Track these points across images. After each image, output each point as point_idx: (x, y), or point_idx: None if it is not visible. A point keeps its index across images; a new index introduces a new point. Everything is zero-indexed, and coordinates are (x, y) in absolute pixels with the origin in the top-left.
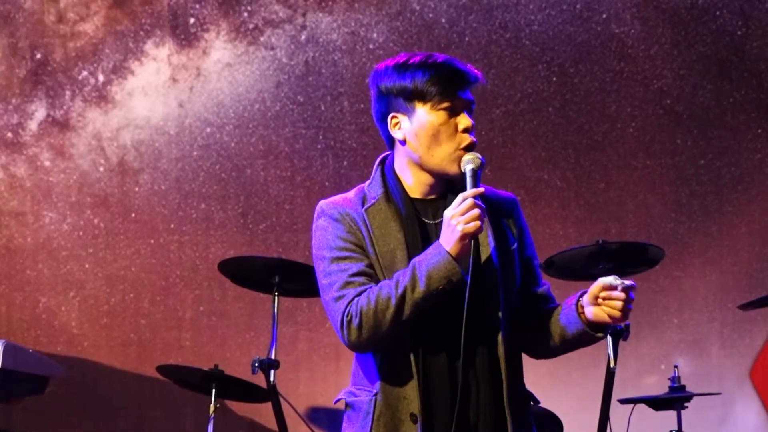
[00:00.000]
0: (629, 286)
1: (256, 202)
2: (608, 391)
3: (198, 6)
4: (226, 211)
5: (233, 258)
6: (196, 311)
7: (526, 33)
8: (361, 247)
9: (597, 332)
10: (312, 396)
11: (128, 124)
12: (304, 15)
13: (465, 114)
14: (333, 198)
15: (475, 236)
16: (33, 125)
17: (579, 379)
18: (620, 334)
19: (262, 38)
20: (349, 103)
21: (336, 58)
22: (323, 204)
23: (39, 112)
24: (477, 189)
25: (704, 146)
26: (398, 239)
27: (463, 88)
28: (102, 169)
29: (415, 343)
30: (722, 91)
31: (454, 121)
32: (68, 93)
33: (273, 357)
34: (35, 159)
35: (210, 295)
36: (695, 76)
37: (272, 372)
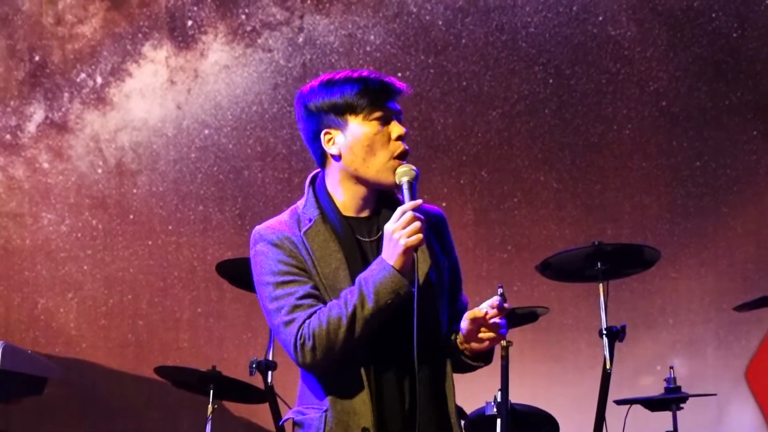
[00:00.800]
0: (500, 305)
1: (253, 204)
2: (604, 392)
3: (195, 8)
4: (223, 212)
5: (231, 259)
6: (194, 312)
7: (523, 35)
8: (304, 270)
9: (478, 362)
10: None
11: (126, 126)
12: (302, 17)
13: (396, 122)
14: (268, 222)
15: (417, 248)
16: (31, 127)
17: (575, 380)
18: (616, 335)
19: (259, 40)
20: None
21: (333, 60)
22: (260, 229)
23: (37, 114)
24: (415, 201)
25: (700, 147)
26: (339, 259)
27: (391, 98)
28: (100, 170)
29: (366, 358)
30: (718, 92)
31: (387, 130)
32: (66, 95)
33: (270, 358)
34: (33, 161)
35: (207, 297)
36: (691, 77)
37: (269, 373)
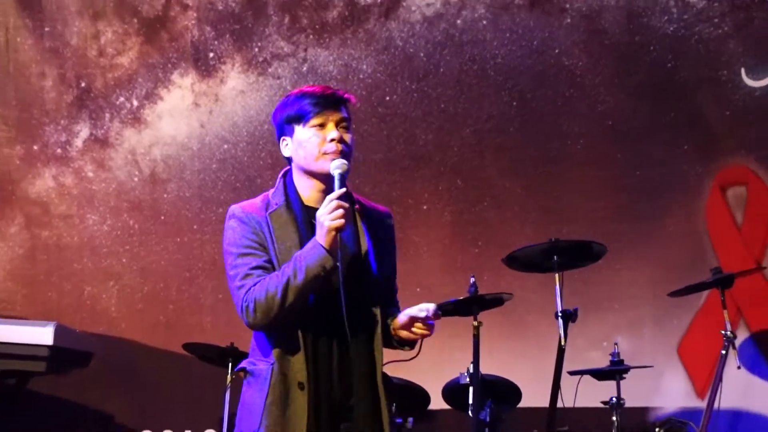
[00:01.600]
0: (435, 313)
1: None
2: (559, 365)
3: (216, 42)
4: None
5: None
6: (215, 298)
7: (491, 65)
8: (263, 245)
9: (404, 347)
10: None
11: (158, 141)
12: (305, 50)
13: (333, 126)
14: (242, 203)
15: (340, 230)
16: (78, 142)
17: (535, 355)
18: (569, 317)
19: (270, 69)
20: None
21: (333, 86)
22: (234, 208)
23: (83, 131)
24: (340, 190)
25: (640, 159)
26: (293, 239)
27: (332, 108)
28: (136, 179)
29: (304, 324)
30: (655, 113)
31: (323, 134)
32: (107, 115)
33: None
34: (80, 171)
35: (227, 285)
36: (633, 100)
37: None
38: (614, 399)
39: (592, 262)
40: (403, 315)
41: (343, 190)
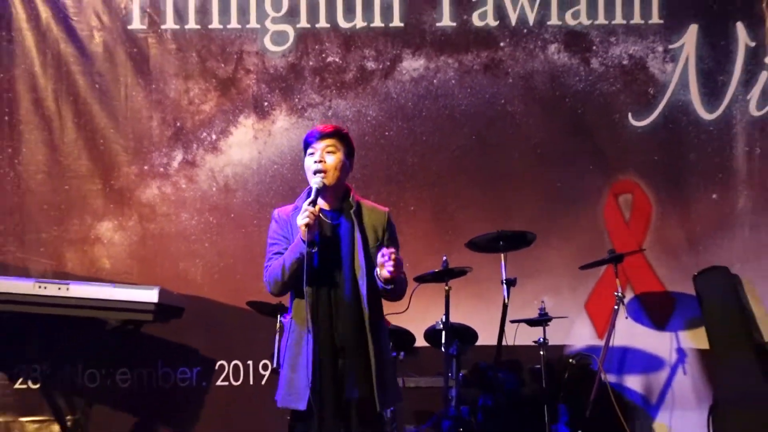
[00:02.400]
0: (389, 252)
1: None
2: (504, 316)
3: (269, 95)
4: None
5: None
6: None
7: (458, 111)
8: (286, 238)
9: (387, 284)
10: None
11: (229, 163)
12: (330, 100)
13: (319, 152)
14: (281, 208)
15: (309, 226)
16: (175, 164)
17: (488, 310)
18: (511, 283)
19: (305, 113)
20: (358, 155)
21: (349, 125)
22: (274, 212)
23: (178, 156)
24: (311, 200)
25: (560, 176)
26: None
27: (320, 139)
28: (214, 189)
29: (308, 287)
30: (570, 145)
31: (310, 158)
32: (195, 146)
33: None
34: (176, 183)
35: None
36: (555, 136)
37: None
38: (541, 339)
39: (526, 246)
40: (378, 254)
41: (310, 199)
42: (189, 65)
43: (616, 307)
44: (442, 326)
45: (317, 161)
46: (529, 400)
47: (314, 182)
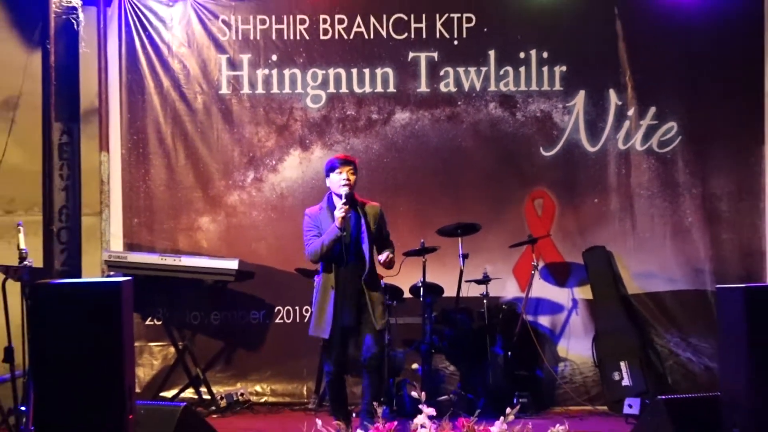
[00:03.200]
0: (385, 257)
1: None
2: (460, 278)
3: (309, 136)
4: None
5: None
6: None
7: (431, 146)
8: (318, 227)
9: (385, 267)
10: None
11: (283, 180)
12: (349, 139)
13: (345, 172)
14: (310, 208)
15: (344, 218)
16: (248, 180)
17: (450, 273)
18: (466, 256)
19: (332, 148)
20: (367, 175)
21: (360, 156)
22: (306, 210)
23: (251, 175)
24: (344, 201)
25: (497, 188)
26: (329, 223)
27: (344, 165)
28: (274, 195)
29: (335, 259)
30: (503, 166)
31: (341, 176)
32: (261, 168)
33: None
34: (249, 192)
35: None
36: (494, 162)
37: None
38: (485, 293)
39: (475, 232)
40: (379, 257)
41: (344, 202)
42: (258, 116)
43: (533, 272)
44: (420, 284)
45: (345, 179)
46: (477, 332)
47: (343, 191)
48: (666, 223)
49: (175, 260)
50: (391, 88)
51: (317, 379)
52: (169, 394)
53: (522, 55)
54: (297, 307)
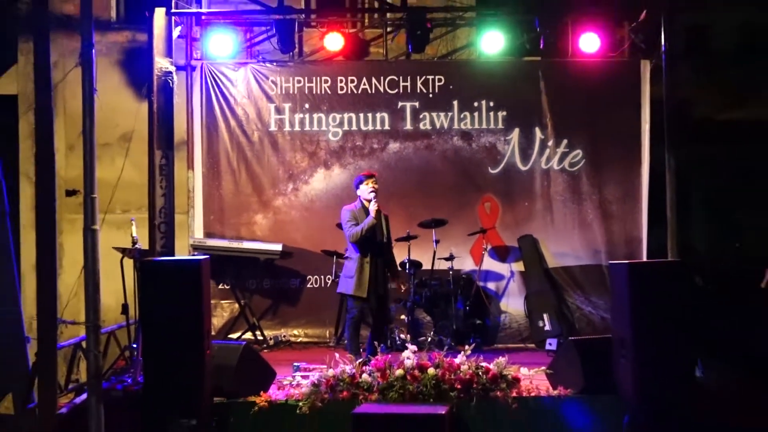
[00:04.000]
0: (399, 284)
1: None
2: (434, 256)
3: (330, 159)
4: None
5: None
6: (333, 236)
7: (414, 165)
8: (356, 219)
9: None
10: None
11: (312, 190)
12: (357, 162)
13: (371, 184)
14: (347, 205)
15: (377, 215)
16: (289, 190)
17: (426, 253)
18: (438, 242)
19: (346, 168)
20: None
21: (373, 172)
22: (345, 206)
23: (291, 187)
24: (375, 203)
25: (458, 196)
26: (363, 217)
27: (371, 178)
28: (307, 200)
29: (368, 246)
30: (464, 181)
31: (369, 186)
32: (297, 181)
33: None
34: (290, 198)
35: (339, 232)
36: (457, 178)
37: None
38: (451, 267)
39: (444, 225)
40: (396, 275)
41: (376, 204)
42: (295, 146)
43: (483, 253)
44: (407, 261)
45: (373, 188)
46: (444, 294)
47: (372, 196)
48: (575, 219)
49: (238, 244)
50: (387, 127)
51: (336, 326)
52: (234, 336)
53: (476, 104)
54: (322, 276)
